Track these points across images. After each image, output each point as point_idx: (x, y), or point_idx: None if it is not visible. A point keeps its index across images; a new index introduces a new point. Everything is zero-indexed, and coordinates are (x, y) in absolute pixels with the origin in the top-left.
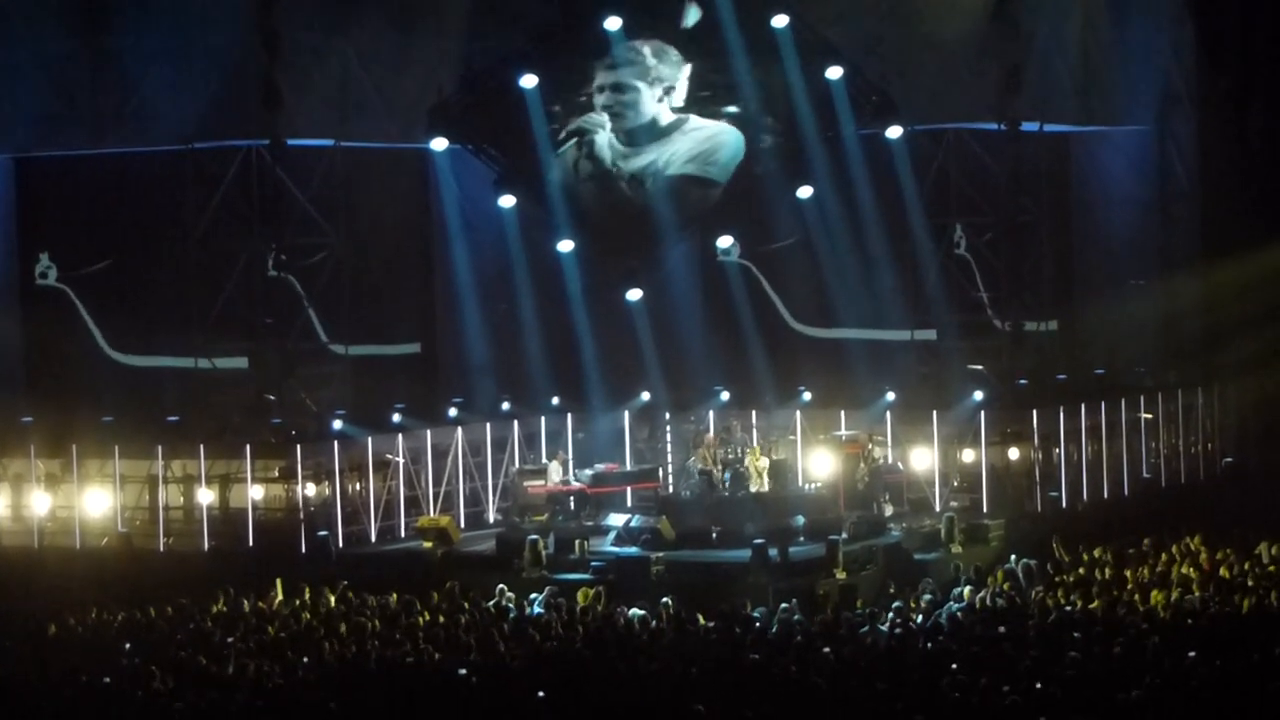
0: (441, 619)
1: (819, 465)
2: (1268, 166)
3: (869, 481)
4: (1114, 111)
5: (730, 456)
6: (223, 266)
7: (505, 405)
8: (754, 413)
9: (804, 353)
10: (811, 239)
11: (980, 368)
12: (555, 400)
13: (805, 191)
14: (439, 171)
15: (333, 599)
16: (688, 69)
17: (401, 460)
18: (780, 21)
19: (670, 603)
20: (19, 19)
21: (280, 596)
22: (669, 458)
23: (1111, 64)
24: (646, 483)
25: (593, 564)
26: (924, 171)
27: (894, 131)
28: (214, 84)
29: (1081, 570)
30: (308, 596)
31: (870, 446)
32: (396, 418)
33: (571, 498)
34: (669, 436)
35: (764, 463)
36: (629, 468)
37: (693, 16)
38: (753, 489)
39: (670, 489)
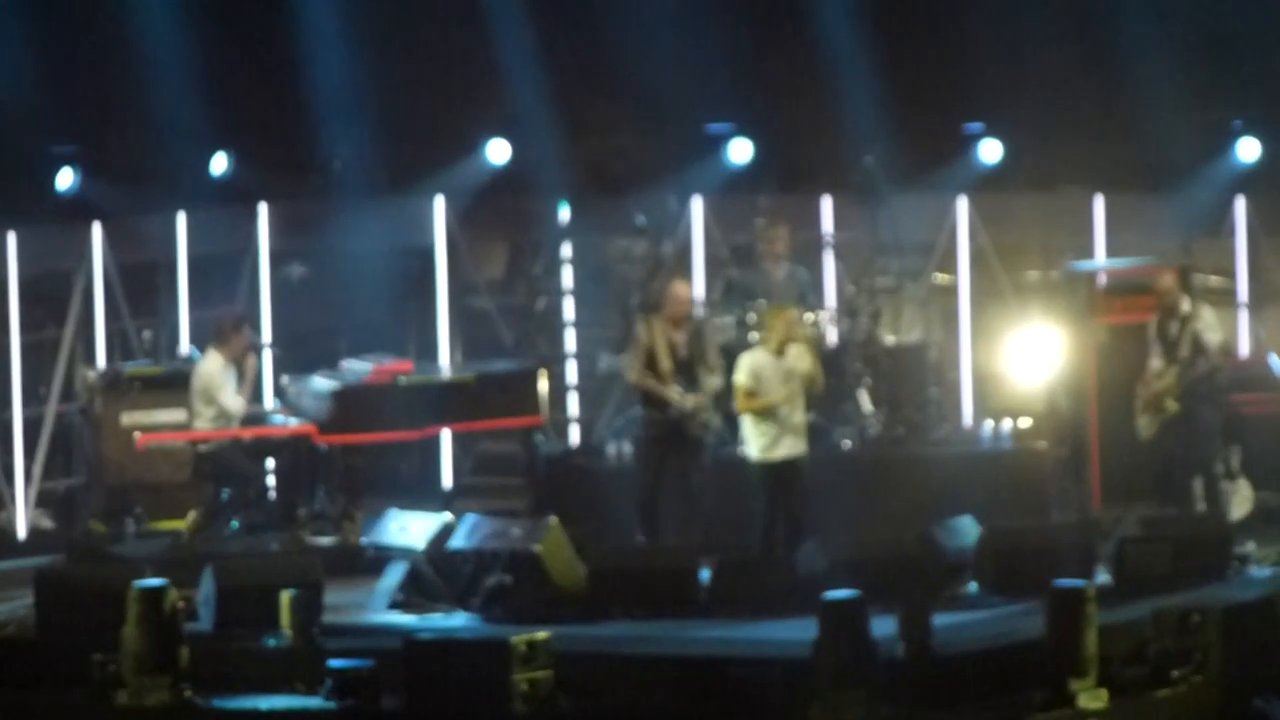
0: None
1: (1028, 361)
2: None
3: (1185, 403)
4: None
5: (733, 338)
6: None
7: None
8: (828, 201)
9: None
10: None
11: None
12: (222, 163)
13: None
14: None
15: None
16: None
17: None
18: None
19: None
20: None
21: None
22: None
23: None
24: (506, 418)
25: (332, 665)
26: None
27: None
28: None
29: None
30: None
31: (1179, 299)
32: None
33: (272, 458)
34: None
35: (804, 360)
36: (445, 373)
37: None
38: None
39: (581, 436)
